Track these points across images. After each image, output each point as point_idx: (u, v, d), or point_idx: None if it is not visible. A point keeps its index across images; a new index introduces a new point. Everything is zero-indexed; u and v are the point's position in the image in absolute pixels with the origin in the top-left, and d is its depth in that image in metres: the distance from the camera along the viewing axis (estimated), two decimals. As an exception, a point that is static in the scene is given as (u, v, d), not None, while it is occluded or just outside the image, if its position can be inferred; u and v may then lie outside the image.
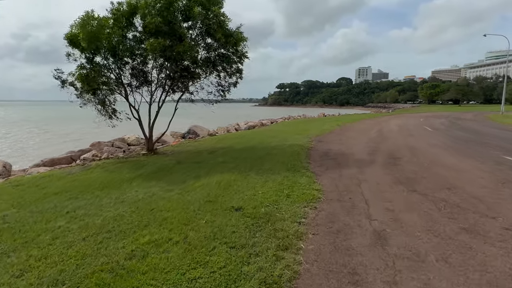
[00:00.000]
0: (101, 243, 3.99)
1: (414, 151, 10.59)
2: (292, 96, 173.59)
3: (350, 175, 7.33)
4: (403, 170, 7.74)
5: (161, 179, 7.51)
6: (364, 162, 8.85)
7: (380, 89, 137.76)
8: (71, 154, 12.74)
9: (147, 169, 8.91)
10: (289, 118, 34.25)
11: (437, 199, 5.38)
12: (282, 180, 6.80)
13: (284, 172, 7.59)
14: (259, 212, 4.81)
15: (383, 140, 14.03)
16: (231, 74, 12.70)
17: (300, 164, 8.49)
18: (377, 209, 4.99)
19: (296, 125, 24.50)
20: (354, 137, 15.31)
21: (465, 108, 69.74)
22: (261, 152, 10.95)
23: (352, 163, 8.82)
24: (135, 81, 10.99)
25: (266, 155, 10.17)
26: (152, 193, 6.29)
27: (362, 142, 13.48)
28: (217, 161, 9.56)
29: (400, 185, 6.37)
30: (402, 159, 9.13)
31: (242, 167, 8.45)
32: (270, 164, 8.69)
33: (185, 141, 18.29)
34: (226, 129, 23.72)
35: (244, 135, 18.30)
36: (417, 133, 16.72)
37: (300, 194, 5.69)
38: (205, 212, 4.94)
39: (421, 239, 3.87)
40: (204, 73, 12.34)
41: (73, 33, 9.17)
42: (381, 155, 9.94)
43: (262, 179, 6.92)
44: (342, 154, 10.29)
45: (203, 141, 16.68)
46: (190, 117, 27.71)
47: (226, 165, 8.82)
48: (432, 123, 24.00)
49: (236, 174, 7.56)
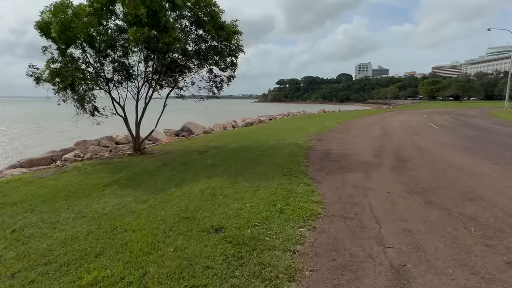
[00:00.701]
0: (31, 284, 3.00)
1: (423, 152, 9.57)
2: (292, 92, 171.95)
3: (354, 181, 6.33)
4: (414, 175, 6.73)
5: (139, 186, 6.52)
6: (370, 165, 7.84)
7: (380, 85, 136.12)
8: (52, 154, 11.74)
9: (127, 173, 7.92)
10: (288, 115, 33.19)
11: (463, 217, 4.37)
12: (276, 188, 5.80)
13: (279, 177, 6.59)
14: (244, 235, 3.81)
15: (387, 138, 13.00)
16: (224, 68, 11.67)
17: (297, 168, 7.48)
18: (391, 230, 3.99)
19: (295, 122, 23.46)
20: (356, 136, 14.29)
21: (466, 104, 68.51)
22: (255, 152, 9.95)
23: (356, 166, 7.81)
24: (117, 76, 9.94)
25: (260, 156, 9.17)
26: (122, 204, 5.30)
27: (365, 141, 12.46)
28: (206, 163, 8.56)
29: (414, 195, 5.37)
30: (412, 162, 8.12)
31: (233, 170, 7.46)
32: (264, 167, 7.69)
33: (178, 139, 17.29)
34: (223, 126, 22.70)
35: (240, 132, 17.28)
36: (422, 131, 15.69)
37: (296, 209, 4.68)
38: (177, 234, 3.95)
39: (456, 279, 2.88)
40: (195, 67, 11.31)
41: (44, 21, 8.09)
42: (387, 157, 8.92)
43: (253, 187, 5.92)
44: (344, 155, 9.28)
45: (196, 139, 15.68)
46: (188, 113, 26.80)
47: (215, 168, 7.82)
48: (436, 120, 22.95)
49: (224, 180, 6.56)
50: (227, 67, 11.77)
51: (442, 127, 17.80)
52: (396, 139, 12.83)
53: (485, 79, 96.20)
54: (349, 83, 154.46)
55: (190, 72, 11.41)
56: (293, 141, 12.12)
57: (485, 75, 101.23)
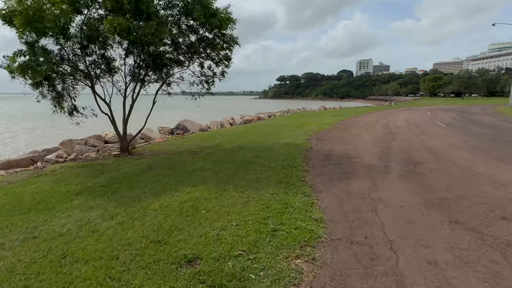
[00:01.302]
0: None
1: (434, 154, 8.67)
2: (292, 88, 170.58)
3: (360, 191, 5.44)
4: (430, 183, 5.84)
5: (114, 194, 5.65)
6: (377, 170, 6.95)
7: (381, 81, 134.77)
8: (33, 154, 10.87)
9: (106, 177, 7.05)
10: (288, 112, 32.23)
11: (499, 242, 3.49)
12: (269, 200, 4.93)
13: (274, 185, 5.72)
14: (223, 271, 2.94)
15: (393, 138, 12.09)
16: (218, 62, 10.76)
17: (295, 173, 6.60)
18: (411, 262, 3.12)
19: (295, 119, 22.54)
20: (359, 134, 13.38)
21: (469, 101, 67.40)
22: (250, 153, 9.06)
23: (361, 171, 6.92)
24: (97, 70, 9.03)
25: (255, 159, 8.29)
26: (87, 220, 4.44)
27: (369, 140, 11.55)
28: (195, 166, 7.68)
29: (433, 210, 4.49)
30: (425, 166, 7.23)
31: (223, 176, 6.58)
32: (259, 172, 6.81)
33: (171, 137, 16.41)
34: (220, 123, 21.80)
35: (237, 131, 16.39)
36: (429, 130, 14.77)
37: (292, 229, 3.81)
38: (139, 268, 3.08)
39: None
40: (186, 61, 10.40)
41: (9, 9, 7.14)
42: (396, 160, 8.03)
43: (243, 198, 5.05)
44: (347, 158, 8.39)
45: (191, 137, 14.80)
46: (187, 110, 25.78)
47: (204, 173, 6.94)
48: (441, 118, 21.99)
49: (211, 188, 5.69)
50: (221, 61, 10.88)
51: (449, 125, 16.86)
52: (402, 138, 11.92)
53: (487, 75, 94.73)
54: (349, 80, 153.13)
55: (181, 66, 10.51)
56: (292, 141, 11.23)
57: (486, 72, 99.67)
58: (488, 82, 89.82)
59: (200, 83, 10.34)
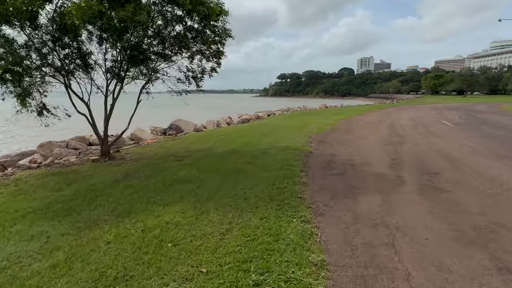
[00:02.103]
0: None
1: (450, 160, 7.55)
2: (293, 86, 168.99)
3: (371, 214, 4.34)
4: (456, 202, 4.72)
5: (68, 216, 4.57)
6: (387, 182, 5.84)
7: (382, 79, 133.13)
8: (5, 159, 9.81)
9: (71, 190, 5.98)
10: (288, 110, 31.07)
11: None
12: (257, 228, 3.84)
13: (265, 205, 4.62)
14: None
15: (400, 140, 10.96)
16: (208, 56, 9.65)
17: (291, 187, 5.50)
18: None
19: (295, 118, 21.41)
20: (364, 136, 12.25)
21: (471, 99, 66.01)
22: (243, 159, 7.97)
23: (369, 183, 5.81)
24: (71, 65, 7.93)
25: (247, 166, 7.20)
26: (15, 258, 3.37)
27: (375, 143, 10.43)
28: (177, 176, 6.60)
29: (471, 247, 3.38)
30: (442, 176, 6.11)
31: (205, 190, 5.49)
32: (248, 184, 5.72)
33: (163, 138, 15.33)
34: (216, 123, 20.70)
35: (233, 131, 15.29)
36: (437, 130, 13.62)
37: (282, 283, 2.71)
38: None
39: None
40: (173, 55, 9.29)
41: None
42: (408, 168, 6.91)
43: (223, 225, 3.96)
44: (352, 165, 7.27)
45: (183, 139, 13.72)
46: (186, 109, 24.66)
47: (184, 186, 5.85)
48: (448, 117, 20.82)
49: (187, 208, 4.60)
50: (213, 56, 9.77)
51: (458, 125, 15.70)
52: (411, 141, 10.79)
53: (489, 73, 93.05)
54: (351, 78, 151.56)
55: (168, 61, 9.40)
56: (290, 144, 10.12)
57: (489, 69, 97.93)
58: (490, 80, 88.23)
59: (187, 79, 9.22)
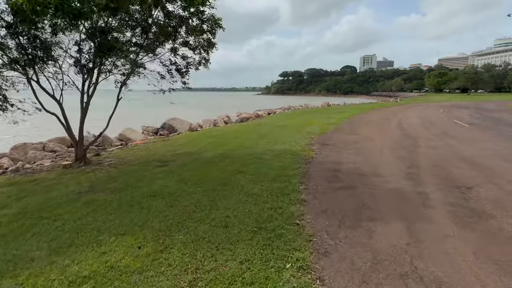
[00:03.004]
0: None
1: (480, 169, 6.28)
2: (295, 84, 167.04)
3: (396, 256, 3.10)
4: (509, 237, 3.48)
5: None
6: (409, 202, 4.60)
7: (385, 77, 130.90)
8: (-31, 163, 8.68)
9: (16, 208, 4.82)
10: (289, 109, 29.76)
11: None
12: (234, 280, 2.63)
13: (249, 237, 3.41)
14: None
15: (413, 143, 9.68)
16: (194, 48, 8.44)
17: (287, 208, 4.27)
18: None
19: (296, 117, 20.14)
20: (371, 137, 10.98)
21: (476, 97, 64.19)
22: (232, 166, 6.76)
23: (385, 203, 4.57)
24: (30, 56, 6.72)
25: (236, 176, 5.99)
26: None
27: (384, 146, 9.16)
28: (151, 189, 5.41)
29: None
30: (478, 193, 4.85)
31: (178, 210, 4.29)
32: (233, 203, 4.51)
33: (153, 139, 14.16)
34: (213, 122, 19.48)
35: (229, 131, 14.07)
36: (452, 131, 12.32)
37: None
38: None
39: None
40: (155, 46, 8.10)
41: None
42: (430, 180, 5.65)
43: (187, 274, 2.75)
44: (362, 176, 6.03)
45: (174, 140, 12.53)
46: (188, 108, 23.44)
47: (155, 202, 4.66)
48: (458, 116, 19.45)
49: (147, 240, 3.40)
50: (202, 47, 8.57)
51: (473, 124, 14.37)
52: (426, 143, 9.51)
53: (494, 71, 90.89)
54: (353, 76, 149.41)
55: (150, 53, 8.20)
56: (289, 147, 8.90)
57: (493, 67, 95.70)
58: (495, 78, 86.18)
59: (169, 73, 8.01)
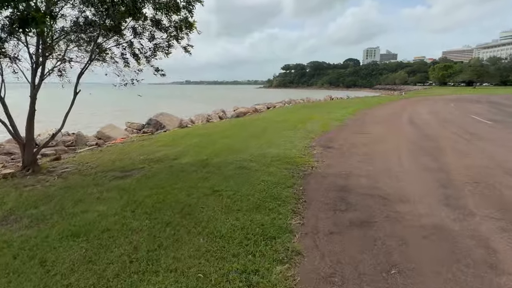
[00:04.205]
0: None
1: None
2: (297, 77, 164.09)
3: None
4: None
5: None
6: (466, 259, 2.91)
7: (388, 70, 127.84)
8: None
9: None
10: (290, 103, 27.92)
11: None
12: None
13: None
14: None
15: (435, 145, 7.93)
16: (168, 27, 6.72)
17: (268, 271, 2.59)
18: None
19: (296, 112, 18.37)
20: (383, 137, 9.24)
21: (482, 90, 61.73)
22: (206, 183, 5.08)
23: (426, 260, 2.88)
24: None
25: (206, 200, 4.30)
26: None
27: (402, 150, 7.43)
28: (81, 221, 3.75)
29: None
30: None
31: (98, 267, 2.63)
32: (185, 255, 2.84)
33: (135, 137, 12.51)
34: (207, 117, 17.78)
35: (218, 129, 12.37)
36: (475, 129, 10.53)
37: None
38: None
39: None
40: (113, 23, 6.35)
41: None
42: (483, 211, 3.92)
43: None
44: (382, 201, 4.32)
45: (155, 139, 10.88)
46: (192, 101, 21.62)
47: (72, 249, 3.00)
48: (474, 110, 17.59)
49: None
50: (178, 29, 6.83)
51: (495, 121, 12.54)
52: (451, 146, 7.77)
53: (500, 63, 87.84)
54: (356, 68, 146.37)
55: (107, 32, 6.46)
56: (285, 151, 7.20)
57: (499, 60, 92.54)
58: (501, 71, 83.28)
59: (134, 56, 6.29)
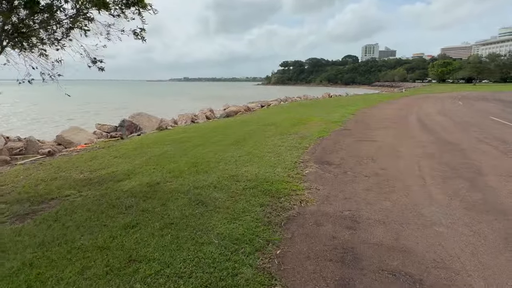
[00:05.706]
0: None
1: None
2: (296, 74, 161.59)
3: None
4: None
5: None
6: None
7: (387, 67, 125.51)
8: None
9: None
10: (286, 101, 25.91)
11: None
12: None
13: None
14: None
15: (469, 165, 6.00)
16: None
17: None
18: None
19: (291, 112, 16.41)
20: (394, 147, 7.31)
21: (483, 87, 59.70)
22: (128, 242, 3.17)
23: None
24: None
25: (110, 283, 2.40)
26: None
27: (424, 171, 5.51)
28: None
29: None
30: None
31: None
32: None
33: (101, 142, 10.54)
34: (192, 118, 15.79)
35: (199, 133, 10.41)
36: (503, 134, 8.62)
37: None
38: None
39: None
40: None
41: None
42: None
43: None
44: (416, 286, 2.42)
45: (121, 145, 8.96)
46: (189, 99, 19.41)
47: None
48: (488, 110, 15.66)
49: None
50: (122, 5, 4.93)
51: (520, 124, 10.64)
52: (487, 162, 5.87)
53: (500, 60, 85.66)
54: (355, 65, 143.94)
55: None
56: (265, 171, 5.27)
57: (498, 57, 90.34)
58: (501, 67, 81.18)
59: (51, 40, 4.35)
